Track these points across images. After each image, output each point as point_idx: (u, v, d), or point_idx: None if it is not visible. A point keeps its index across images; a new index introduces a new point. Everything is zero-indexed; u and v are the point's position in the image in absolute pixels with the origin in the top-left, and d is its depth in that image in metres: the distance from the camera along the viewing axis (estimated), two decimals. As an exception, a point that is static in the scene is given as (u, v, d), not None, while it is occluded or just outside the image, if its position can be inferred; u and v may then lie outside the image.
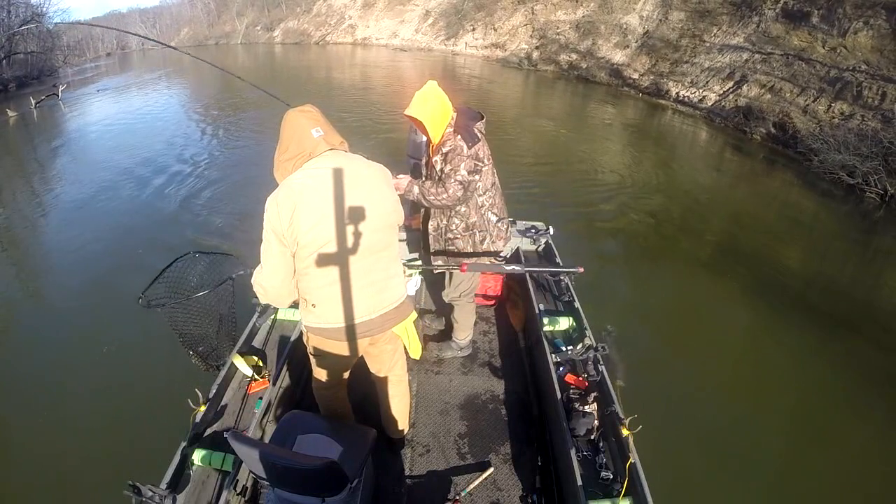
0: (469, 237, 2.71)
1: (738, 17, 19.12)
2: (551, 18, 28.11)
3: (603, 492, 2.09)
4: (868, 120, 12.15)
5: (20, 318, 5.50)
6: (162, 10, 72.68)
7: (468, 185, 2.47)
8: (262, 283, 1.84)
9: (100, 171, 10.48)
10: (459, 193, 2.46)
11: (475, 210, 2.65)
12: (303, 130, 1.77)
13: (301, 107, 1.86)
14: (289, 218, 1.69)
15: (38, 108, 18.39)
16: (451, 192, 2.45)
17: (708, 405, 4.16)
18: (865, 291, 6.52)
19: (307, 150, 1.76)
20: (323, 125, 1.81)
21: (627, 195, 9.20)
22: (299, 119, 1.80)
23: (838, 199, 10.04)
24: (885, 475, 3.71)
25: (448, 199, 2.46)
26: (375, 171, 1.90)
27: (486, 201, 2.67)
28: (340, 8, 48.73)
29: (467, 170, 2.45)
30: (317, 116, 1.83)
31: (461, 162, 2.44)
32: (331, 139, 1.81)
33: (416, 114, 2.44)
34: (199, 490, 2.08)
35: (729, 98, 16.36)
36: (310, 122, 1.79)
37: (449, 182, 2.45)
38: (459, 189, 2.45)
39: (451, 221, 2.67)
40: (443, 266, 2.83)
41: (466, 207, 2.62)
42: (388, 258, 1.93)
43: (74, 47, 45.82)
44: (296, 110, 1.83)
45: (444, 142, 2.50)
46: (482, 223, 2.69)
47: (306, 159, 1.76)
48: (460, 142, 2.45)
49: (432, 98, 2.45)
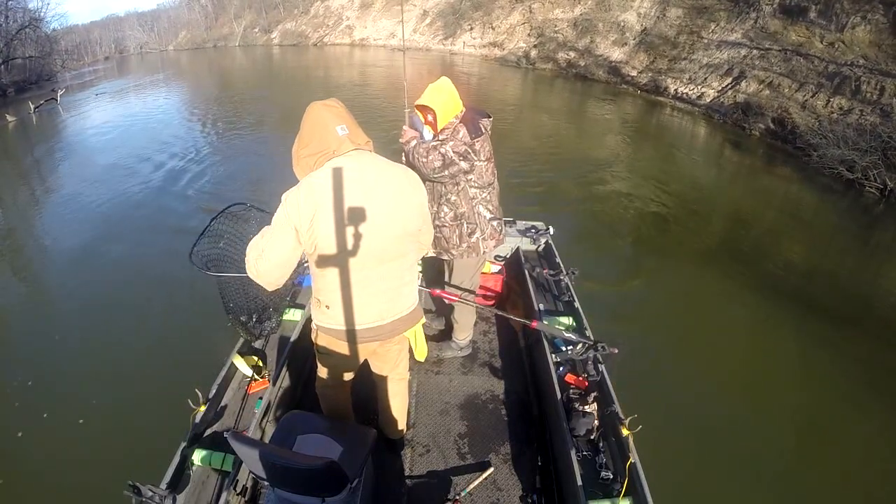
0: (456, 227, 2.72)
1: (735, 13, 19.09)
2: (549, 17, 28.06)
3: (603, 492, 2.09)
4: (867, 114, 12.12)
5: (20, 320, 5.53)
6: (159, 13, 72.47)
7: (449, 164, 2.51)
8: (260, 268, 1.75)
9: (98, 173, 10.51)
10: (437, 164, 2.49)
11: (465, 201, 2.66)
12: (326, 126, 1.68)
13: (325, 101, 1.75)
14: (309, 219, 1.63)
15: (36, 112, 18.43)
16: (430, 159, 2.49)
17: (708, 404, 4.16)
18: (866, 286, 6.51)
19: (331, 147, 1.67)
20: (348, 122, 1.71)
21: (626, 192, 9.22)
22: (323, 113, 1.71)
23: (838, 194, 10.04)
24: (885, 473, 3.71)
25: (425, 165, 2.50)
26: (400, 175, 1.80)
27: (480, 195, 2.68)
28: (338, 9, 48.64)
29: (455, 150, 2.49)
30: (341, 112, 1.73)
31: (451, 140, 2.50)
32: (356, 138, 1.72)
33: (428, 102, 2.47)
34: (199, 490, 2.08)
35: (727, 94, 16.33)
36: (334, 119, 1.70)
37: (435, 151, 2.50)
38: (438, 160, 2.49)
39: (441, 209, 2.69)
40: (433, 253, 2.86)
41: (457, 196, 2.64)
42: (404, 266, 1.87)
43: (72, 51, 45.93)
44: (319, 103, 1.74)
45: (443, 130, 2.54)
46: (472, 215, 2.70)
47: (329, 157, 1.67)
48: (460, 127, 2.51)
49: (445, 91, 2.49)
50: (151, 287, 5.82)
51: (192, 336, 4.74)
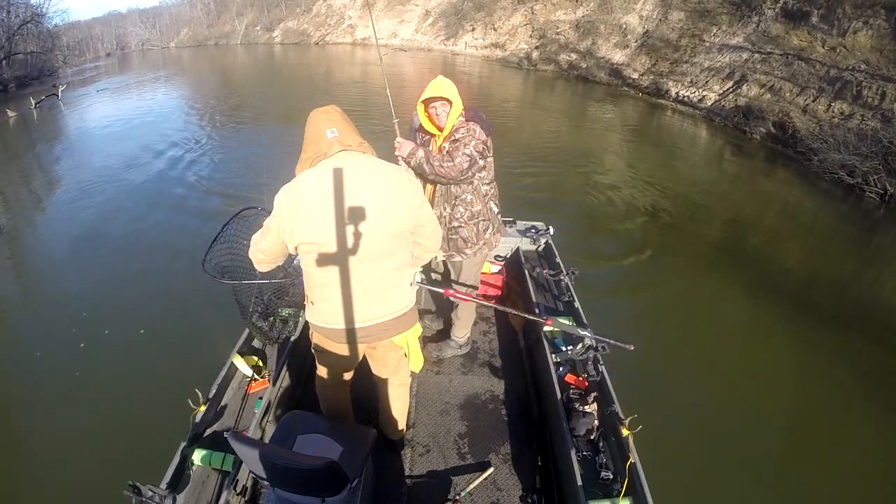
0: (473, 225, 2.71)
1: (737, 17, 19.12)
2: (551, 18, 28.10)
3: (603, 492, 2.09)
4: (868, 119, 12.14)
5: (21, 318, 5.50)
6: (161, 10, 72.55)
7: (474, 163, 2.48)
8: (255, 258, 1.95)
9: (97, 168, 10.52)
10: (465, 165, 2.45)
11: (479, 198, 2.67)
12: (318, 130, 1.77)
13: (324, 107, 1.85)
14: (289, 214, 1.72)
15: (37, 108, 18.42)
16: (457, 162, 2.43)
17: (708, 404, 4.16)
18: (866, 290, 6.52)
19: (322, 150, 1.75)
20: (340, 125, 1.79)
21: (627, 194, 9.21)
22: (318, 119, 1.80)
23: (838, 199, 10.04)
24: (884, 473, 3.71)
25: (452, 169, 2.44)
26: (389, 174, 1.82)
27: (490, 191, 2.71)
28: (340, 8, 48.71)
29: (477, 150, 2.47)
30: (334, 117, 1.81)
31: (472, 140, 2.46)
32: (346, 140, 1.77)
33: (441, 93, 2.43)
34: (199, 490, 2.08)
35: (729, 98, 16.36)
36: (326, 123, 1.78)
37: (457, 153, 2.44)
38: (466, 160, 2.45)
39: (456, 210, 2.67)
40: (443, 255, 2.84)
41: (472, 195, 2.64)
42: (391, 267, 1.85)
43: (74, 47, 45.98)
44: (317, 110, 1.84)
45: (456, 129, 2.51)
46: (486, 212, 2.71)
47: (321, 159, 1.75)
48: (474, 126, 2.49)
49: (449, 83, 2.47)
50: (151, 286, 5.81)
51: (192, 336, 4.72)
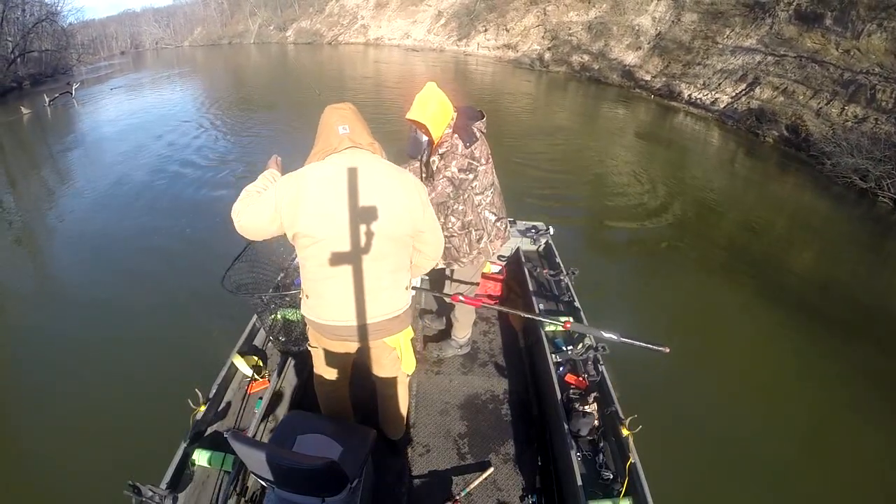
0: (465, 235, 2.70)
1: (750, 19, 18.96)
2: (563, 19, 28.00)
3: (603, 492, 2.09)
4: (882, 123, 12.02)
5: (23, 317, 5.50)
6: (175, 9, 72.84)
7: (459, 183, 2.49)
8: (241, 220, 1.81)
9: (112, 164, 10.64)
10: (448, 190, 2.47)
11: (471, 208, 2.64)
12: (330, 126, 1.80)
13: (339, 104, 1.88)
14: (290, 201, 1.73)
15: (51, 105, 18.63)
16: (439, 190, 2.46)
17: (708, 405, 4.14)
18: (876, 296, 6.43)
19: (332, 145, 1.78)
20: (352, 123, 1.81)
21: (635, 195, 9.16)
22: (331, 115, 1.83)
23: (851, 203, 9.94)
24: (885, 474, 3.69)
25: (437, 197, 2.47)
26: (394, 177, 1.82)
27: (484, 200, 2.66)
28: (353, 8, 48.75)
29: (459, 167, 2.47)
30: (347, 114, 1.84)
31: (453, 160, 2.46)
32: (356, 138, 1.80)
33: (417, 117, 2.44)
34: (199, 490, 2.08)
35: (741, 100, 16.23)
36: (339, 119, 1.81)
37: (437, 178, 2.47)
38: (448, 185, 2.47)
39: (448, 220, 2.66)
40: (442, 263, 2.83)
41: (463, 205, 2.62)
42: (387, 269, 1.84)
43: (88, 46, 46.36)
44: (331, 106, 1.87)
45: (441, 143, 2.52)
46: (479, 221, 2.68)
47: (329, 154, 1.78)
48: (456, 140, 2.47)
49: (432, 100, 2.45)
50: (152, 286, 5.81)
51: (192, 336, 4.71)
